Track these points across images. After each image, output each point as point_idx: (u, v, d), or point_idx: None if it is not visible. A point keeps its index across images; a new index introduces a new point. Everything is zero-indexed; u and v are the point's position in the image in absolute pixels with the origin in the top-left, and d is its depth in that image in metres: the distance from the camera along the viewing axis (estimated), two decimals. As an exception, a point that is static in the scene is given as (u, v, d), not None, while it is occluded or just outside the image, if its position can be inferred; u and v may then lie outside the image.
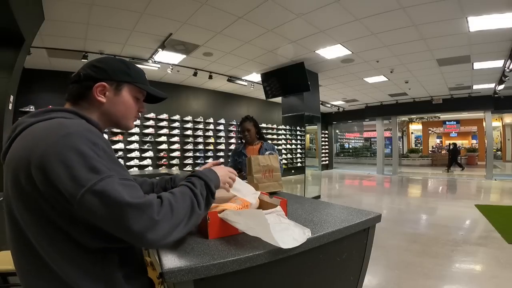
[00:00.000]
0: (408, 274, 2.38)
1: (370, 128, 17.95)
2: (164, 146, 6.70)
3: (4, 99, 2.60)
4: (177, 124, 6.96)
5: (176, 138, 6.91)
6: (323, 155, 12.15)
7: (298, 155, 10.10)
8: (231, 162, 2.50)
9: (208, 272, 0.75)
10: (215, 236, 0.94)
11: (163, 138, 6.72)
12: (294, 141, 10.07)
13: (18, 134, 0.64)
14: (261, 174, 1.72)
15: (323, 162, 11.99)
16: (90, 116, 0.73)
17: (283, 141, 9.76)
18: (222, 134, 7.84)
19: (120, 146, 6.02)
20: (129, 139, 6.17)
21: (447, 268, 2.48)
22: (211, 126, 7.68)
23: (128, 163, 6.09)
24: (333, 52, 4.89)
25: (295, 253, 0.88)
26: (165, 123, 6.77)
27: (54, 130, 0.60)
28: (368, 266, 1.21)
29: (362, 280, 1.20)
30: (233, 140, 8.01)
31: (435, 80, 6.79)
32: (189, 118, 7.17)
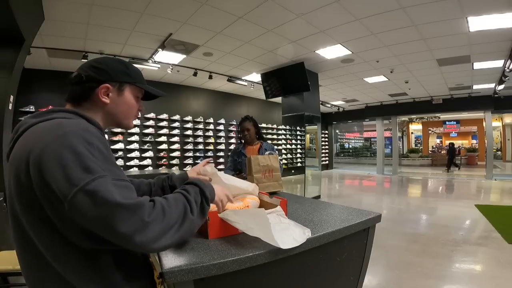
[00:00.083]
0: (408, 274, 2.38)
1: (370, 128, 17.95)
2: (164, 146, 6.70)
3: (4, 99, 2.60)
4: (177, 124, 6.96)
5: (176, 138, 6.91)
6: (323, 155, 12.15)
7: (298, 155, 10.09)
8: (231, 162, 2.47)
9: (208, 272, 0.75)
10: (215, 236, 0.94)
11: (163, 138, 6.72)
12: (294, 141, 10.07)
13: (20, 135, 0.65)
14: (261, 174, 1.72)
15: (323, 162, 11.98)
16: (92, 116, 0.74)
17: (283, 141, 9.75)
18: (222, 134, 7.84)
19: (120, 146, 6.02)
20: (129, 139, 6.17)
21: (447, 268, 2.48)
22: (211, 126, 7.68)
23: (128, 163, 6.09)
24: (333, 52, 4.88)
25: (295, 253, 0.88)
26: (165, 123, 6.77)
27: (52, 130, 0.61)
28: (368, 266, 1.21)
29: (362, 280, 1.20)
30: (233, 140, 8.00)
31: (435, 80, 6.79)
32: (189, 118, 7.17)
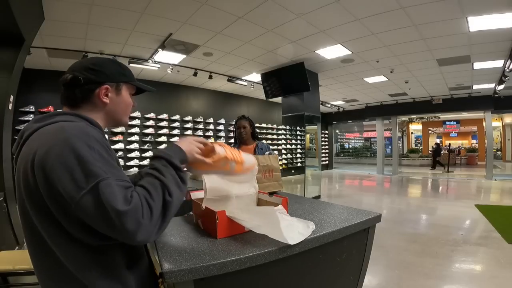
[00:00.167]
0: (408, 274, 2.38)
1: (370, 128, 17.94)
2: (164, 146, 6.69)
3: (4, 99, 2.60)
4: (177, 124, 6.96)
5: (176, 138, 6.90)
6: (323, 155, 12.14)
7: (298, 155, 10.09)
8: None
9: (208, 272, 0.75)
10: (224, 235, 0.95)
11: (163, 138, 6.72)
12: (294, 141, 10.06)
13: (26, 140, 0.67)
14: (261, 174, 1.72)
15: (323, 162, 11.98)
16: (93, 117, 0.76)
17: (283, 141, 9.75)
18: (222, 134, 7.84)
19: (120, 146, 6.02)
20: (129, 139, 6.17)
21: (447, 268, 2.48)
22: (211, 126, 7.68)
23: (128, 163, 6.08)
24: (333, 52, 4.88)
25: (295, 253, 0.88)
26: (165, 123, 6.77)
27: (55, 133, 0.63)
28: (368, 266, 1.21)
29: (362, 280, 1.20)
30: (233, 140, 8.00)
31: (435, 80, 6.79)
32: (189, 118, 7.17)
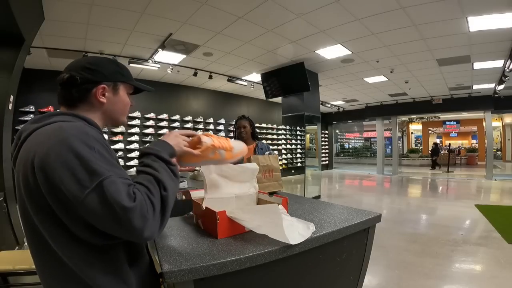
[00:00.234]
0: (408, 274, 2.38)
1: (370, 128, 17.95)
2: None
3: (4, 99, 2.60)
4: (177, 124, 6.96)
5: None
6: (323, 155, 12.14)
7: (298, 155, 10.09)
8: None
9: (208, 272, 0.75)
10: (224, 235, 0.94)
11: (163, 138, 6.72)
12: (294, 141, 10.06)
13: (23, 141, 0.67)
14: (261, 174, 1.72)
15: (323, 162, 11.97)
16: (90, 117, 0.75)
17: (283, 141, 9.75)
18: (222, 134, 7.83)
19: (120, 146, 6.01)
20: (129, 139, 6.17)
21: (447, 268, 2.48)
22: (211, 126, 7.68)
23: (128, 163, 6.08)
24: (333, 52, 4.88)
25: (295, 253, 0.88)
26: (165, 123, 6.77)
27: (54, 134, 0.62)
28: (368, 266, 1.21)
29: (362, 280, 1.20)
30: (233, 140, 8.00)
31: (435, 80, 6.79)
32: (189, 118, 7.17)
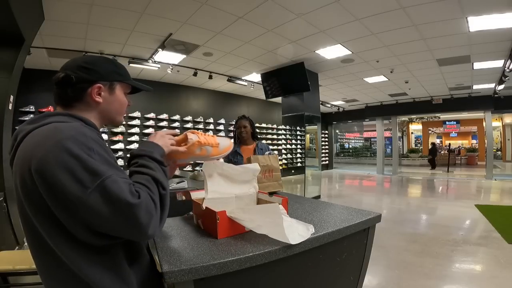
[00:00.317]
0: (408, 274, 2.38)
1: (370, 128, 17.94)
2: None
3: (4, 99, 2.60)
4: (177, 124, 6.95)
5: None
6: (323, 155, 12.14)
7: (298, 155, 10.09)
8: (225, 161, 2.47)
9: (208, 272, 0.75)
10: (224, 235, 0.94)
11: (163, 138, 6.72)
12: (294, 141, 10.06)
13: (20, 142, 0.66)
14: (261, 174, 1.72)
15: (323, 162, 11.98)
16: (87, 117, 0.74)
17: (283, 141, 9.74)
18: (222, 134, 7.83)
19: (120, 146, 6.01)
20: (129, 139, 6.17)
21: (447, 268, 2.48)
22: (211, 126, 7.68)
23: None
24: (333, 52, 4.88)
25: (295, 253, 0.88)
26: (165, 123, 6.77)
27: (50, 135, 0.61)
28: (368, 266, 1.21)
29: (362, 280, 1.20)
30: (233, 140, 8.00)
31: (435, 80, 6.79)
32: (189, 118, 7.17)
